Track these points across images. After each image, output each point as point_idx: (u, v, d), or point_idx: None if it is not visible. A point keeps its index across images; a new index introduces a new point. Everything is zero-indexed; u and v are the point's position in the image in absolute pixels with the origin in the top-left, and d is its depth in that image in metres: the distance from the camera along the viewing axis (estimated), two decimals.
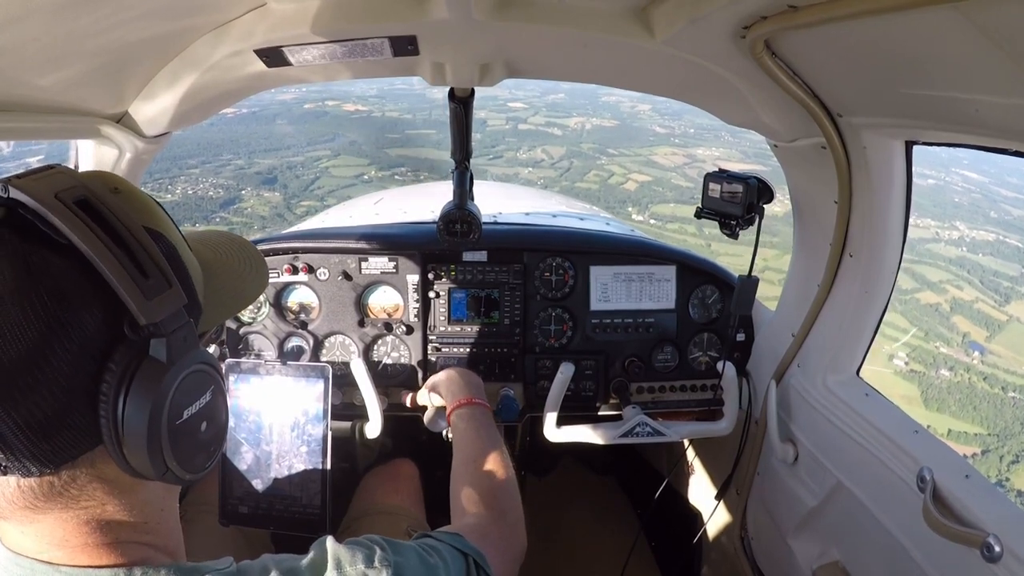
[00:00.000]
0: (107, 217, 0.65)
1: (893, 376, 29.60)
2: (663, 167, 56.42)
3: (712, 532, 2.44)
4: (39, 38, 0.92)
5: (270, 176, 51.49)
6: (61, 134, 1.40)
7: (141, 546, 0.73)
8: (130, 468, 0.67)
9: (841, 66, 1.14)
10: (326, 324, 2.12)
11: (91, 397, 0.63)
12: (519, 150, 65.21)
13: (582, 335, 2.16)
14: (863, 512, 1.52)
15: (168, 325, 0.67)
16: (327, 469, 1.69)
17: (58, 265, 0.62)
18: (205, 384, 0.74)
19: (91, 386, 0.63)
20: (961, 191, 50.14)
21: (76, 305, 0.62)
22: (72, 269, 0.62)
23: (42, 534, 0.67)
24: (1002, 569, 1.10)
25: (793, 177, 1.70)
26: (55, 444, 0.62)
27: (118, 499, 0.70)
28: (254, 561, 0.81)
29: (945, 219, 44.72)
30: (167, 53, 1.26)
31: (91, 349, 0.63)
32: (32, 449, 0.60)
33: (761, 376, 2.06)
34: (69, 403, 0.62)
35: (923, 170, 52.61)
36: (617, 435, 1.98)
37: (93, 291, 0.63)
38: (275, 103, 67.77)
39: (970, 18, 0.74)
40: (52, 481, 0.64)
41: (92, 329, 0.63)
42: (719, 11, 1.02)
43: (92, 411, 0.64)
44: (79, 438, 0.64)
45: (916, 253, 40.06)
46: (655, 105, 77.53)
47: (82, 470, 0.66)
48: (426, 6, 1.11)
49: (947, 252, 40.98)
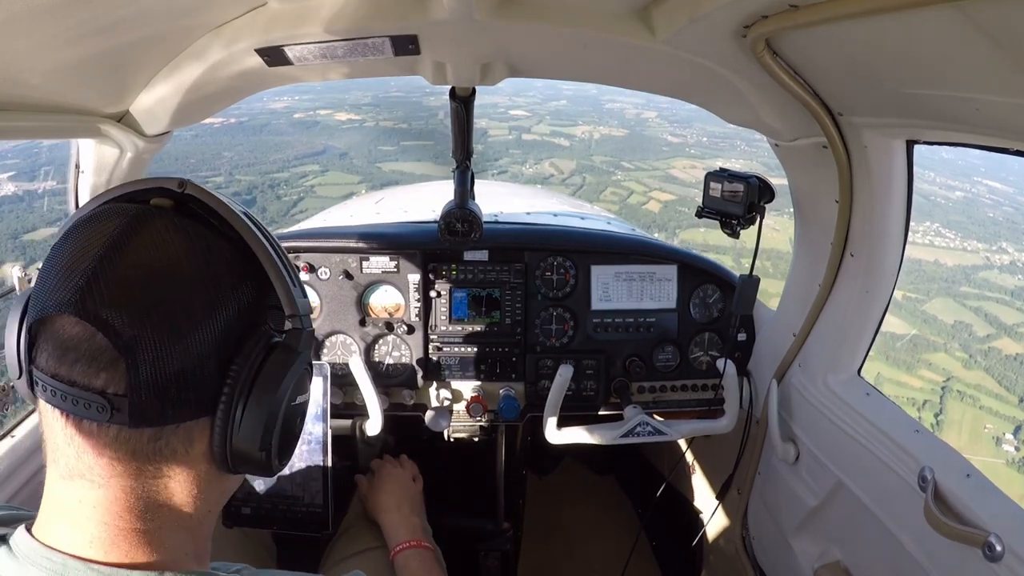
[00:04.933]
0: (263, 229, 0.77)
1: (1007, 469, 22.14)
2: (684, 183, 52.00)
3: (713, 532, 2.44)
4: (40, 37, 0.93)
5: (248, 198, 47.26)
6: (62, 133, 1.40)
7: (175, 547, 0.73)
8: (227, 446, 0.71)
9: (842, 65, 1.14)
10: (327, 323, 2.12)
11: (224, 367, 0.70)
12: (525, 163, 60.90)
13: (583, 335, 2.16)
14: (864, 512, 1.52)
15: (306, 321, 0.77)
16: (329, 468, 1.69)
17: (229, 251, 0.73)
18: (307, 381, 0.81)
19: (228, 357, 0.71)
20: (991, 204, 46.31)
21: (238, 284, 0.73)
22: (237, 256, 0.73)
23: (96, 510, 0.68)
24: (1003, 568, 1.10)
25: (794, 177, 1.70)
26: (175, 399, 0.67)
27: (187, 483, 0.72)
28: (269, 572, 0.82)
29: (990, 240, 40.17)
30: (168, 52, 1.27)
31: (240, 324, 0.72)
32: (157, 396, 0.65)
33: (762, 376, 2.06)
34: (205, 366, 0.69)
35: (947, 180, 48.59)
36: (618, 435, 1.98)
37: (252, 278, 0.74)
38: (264, 112, 63.97)
39: (971, 17, 0.74)
40: (148, 438, 0.68)
41: (246, 307, 0.73)
42: (720, 10, 1.02)
43: (219, 380, 0.70)
44: (198, 401, 0.70)
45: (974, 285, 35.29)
46: (661, 112, 74.72)
47: (178, 439, 0.70)
48: (427, 6, 1.11)
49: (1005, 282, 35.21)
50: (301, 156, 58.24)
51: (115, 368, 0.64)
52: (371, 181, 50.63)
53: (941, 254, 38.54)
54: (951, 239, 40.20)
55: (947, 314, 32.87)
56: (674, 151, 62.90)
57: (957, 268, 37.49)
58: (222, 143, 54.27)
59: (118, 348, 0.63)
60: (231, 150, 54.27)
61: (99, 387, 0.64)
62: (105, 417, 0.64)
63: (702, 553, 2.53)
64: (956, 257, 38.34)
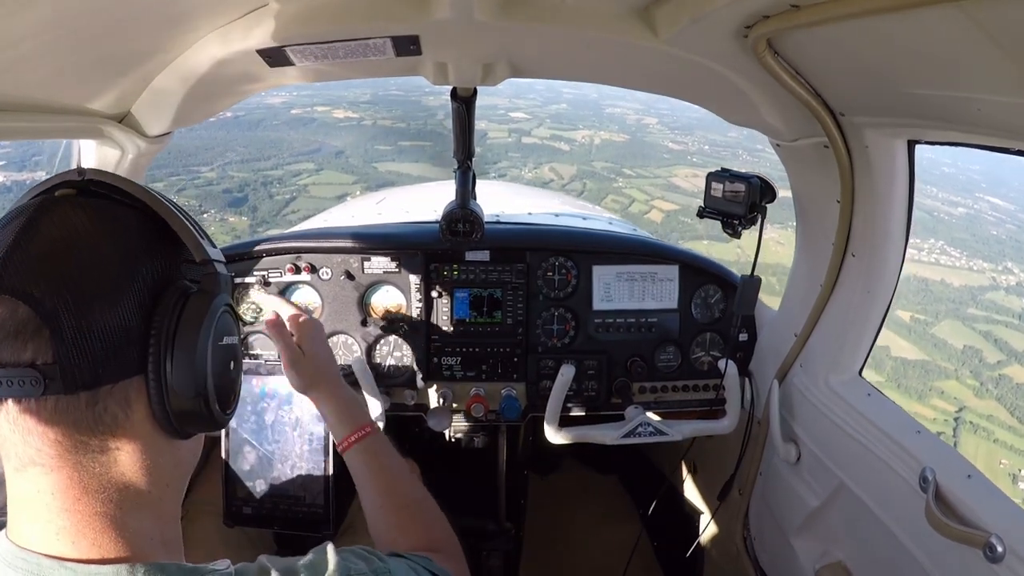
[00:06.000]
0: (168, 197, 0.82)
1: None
2: (686, 192, 50.87)
3: (714, 532, 2.44)
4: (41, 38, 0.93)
5: (240, 195, 45.70)
6: (64, 134, 1.40)
7: (141, 530, 0.73)
8: (165, 402, 0.74)
9: (843, 65, 1.13)
10: (328, 324, 2.12)
11: (146, 323, 0.74)
12: (524, 167, 59.99)
13: (584, 335, 2.16)
14: (865, 512, 1.52)
15: (216, 265, 0.82)
16: (330, 468, 1.69)
17: (134, 217, 0.78)
18: (232, 323, 0.86)
19: (149, 313, 0.74)
20: (994, 221, 45.91)
21: (148, 245, 0.77)
22: (144, 221, 0.78)
23: (55, 497, 0.69)
24: (1004, 569, 1.10)
25: (795, 177, 1.70)
26: (103, 358, 0.69)
27: (135, 454, 0.74)
28: (251, 563, 0.82)
29: (996, 260, 39.69)
30: (170, 53, 1.27)
31: (156, 282, 0.76)
32: (85, 358, 0.68)
33: (763, 376, 2.06)
34: (128, 324, 0.72)
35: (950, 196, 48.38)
36: (619, 435, 1.98)
37: (161, 238, 0.79)
38: (261, 107, 62.97)
39: (972, 17, 0.74)
40: (85, 403, 0.69)
41: (160, 265, 0.77)
42: (721, 10, 1.02)
43: (144, 336, 0.73)
44: (126, 359, 0.72)
45: (981, 307, 34.58)
46: (662, 118, 73.69)
47: (115, 402, 0.71)
48: (428, 6, 1.11)
49: (1012, 304, 35.08)
50: (296, 153, 56.67)
51: (40, 336, 0.66)
52: (366, 182, 49.62)
53: (947, 273, 38.13)
54: (956, 257, 39.93)
55: (956, 338, 32.43)
56: (676, 159, 61.75)
57: (964, 288, 37.06)
58: (216, 138, 53.03)
59: (41, 316, 0.66)
60: (225, 145, 52.93)
61: (28, 360, 0.66)
62: (39, 390, 0.66)
63: (703, 553, 2.53)
64: (962, 277, 37.95)
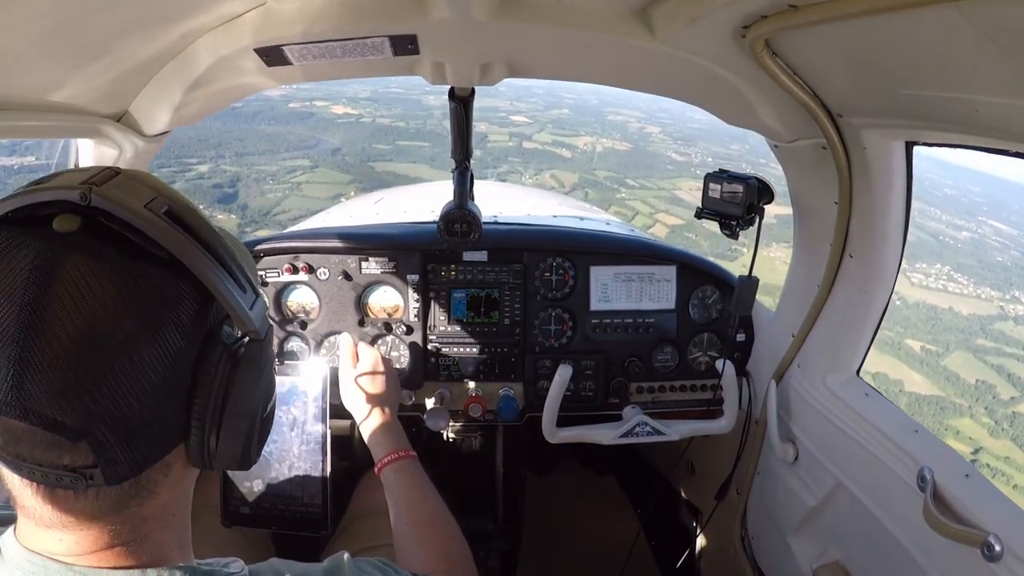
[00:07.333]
0: (195, 228, 0.67)
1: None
2: (690, 205, 47.76)
3: (712, 531, 2.44)
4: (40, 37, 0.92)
5: (230, 191, 44.15)
6: (62, 133, 1.40)
7: (161, 543, 0.73)
8: (207, 456, 0.70)
9: (841, 66, 1.14)
10: (326, 324, 2.12)
11: (187, 393, 0.68)
12: (525, 173, 58.77)
13: (582, 335, 2.16)
14: (863, 512, 1.52)
15: (263, 330, 0.74)
16: (327, 468, 1.69)
17: (158, 274, 0.64)
18: (274, 380, 0.82)
19: (187, 383, 0.68)
20: (999, 247, 45.80)
21: (177, 308, 0.66)
22: (171, 278, 0.65)
23: (80, 541, 0.67)
24: (1002, 568, 1.10)
25: (793, 178, 1.70)
26: (146, 448, 0.65)
27: (167, 493, 0.72)
28: (263, 564, 0.82)
29: (1003, 288, 39.48)
30: (168, 51, 1.26)
31: (191, 346, 0.67)
32: (128, 453, 0.63)
33: (761, 376, 2.06)
34: (168, 404, 0.66)
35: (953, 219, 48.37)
36: (617, 435, 1.98)
37: (190, 294, 0.67)
38: (259, 99, 59.22)
39: (970, 18, 0.75)
40: (131, 485, 0.66)
41: (193, 327, 0.67)
42: (719, 11, 1.02)
43: (185, 407, 0.68)
44: (170, 435, 0.68)
45: (991, 337, 34.36)
46: (664, 128, 73.06)
47: (157, 471, 0.69)
48: (426, 6, 1.11)
49: (1021, 335, 35.15)
50: (292, 149, 55.01)
51: (77, 448, 0.61)
52: (361, 182, 48.15)
53: (955, 301, 38.06)
54: (964, 284, 39.95)
55: (968, 371, 32.19)
56: (679, 170, 60.76)
57: (972, 317, 36.97)
58: (212, 129, 51.54)
59: (74, 438, 0.60)
60: (220, 137, 51.23)
61: (67, 464, 0.61)
62: (81, 486, 0.62)
63: (701, 553, 2.53)
64: (971, 305, 37.93)
